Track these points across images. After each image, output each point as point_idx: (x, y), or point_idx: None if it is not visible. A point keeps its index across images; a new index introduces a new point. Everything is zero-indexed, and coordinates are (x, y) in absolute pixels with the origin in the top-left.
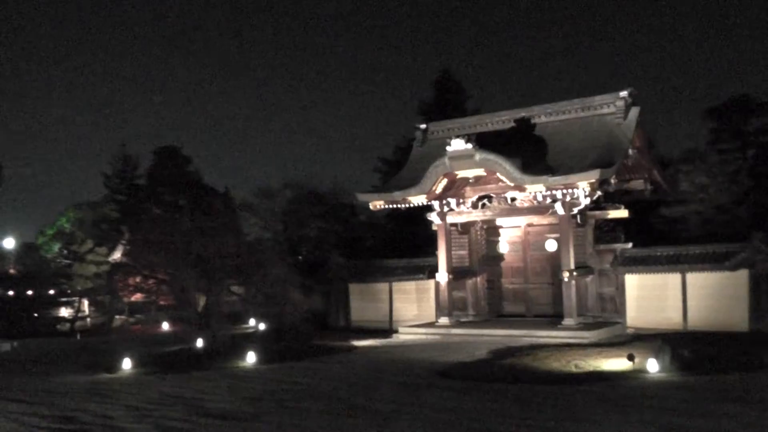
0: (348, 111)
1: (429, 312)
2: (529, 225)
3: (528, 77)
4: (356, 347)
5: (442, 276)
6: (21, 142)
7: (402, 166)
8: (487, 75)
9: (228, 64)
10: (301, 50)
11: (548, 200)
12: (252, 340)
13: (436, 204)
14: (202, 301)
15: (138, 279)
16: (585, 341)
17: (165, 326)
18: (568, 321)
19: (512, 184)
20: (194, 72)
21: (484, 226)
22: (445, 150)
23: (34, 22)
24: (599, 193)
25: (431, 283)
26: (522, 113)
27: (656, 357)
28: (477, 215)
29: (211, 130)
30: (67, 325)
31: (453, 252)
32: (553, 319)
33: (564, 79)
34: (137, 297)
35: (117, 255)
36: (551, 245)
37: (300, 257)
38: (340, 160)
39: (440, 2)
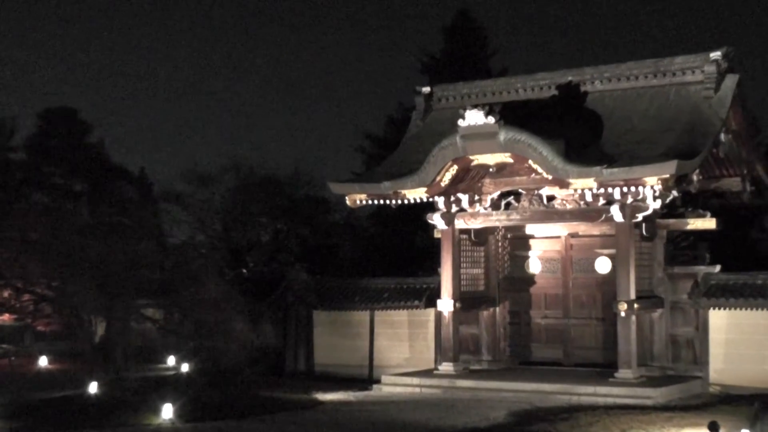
0: (322, 65)
1: (426, 354)
2: (573, 236)
3: (579, 30)
4: (321, 402)
5: (446, 304)
6: None
7: (395, 147)
8: (521, 22)
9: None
10: None
11: (601, 201)
12: (173, 386)
13: (441, 201)
14: (101, 328)
15: (6, 293)
16: (649, 402)
17: (44, 362)
18: (624, 373)
19: (550, 177)
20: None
21: (508, 236)
22: (457, 125)
23: None
24: (675, 193)
25: (430, 313)
26: (568, 77)
27: (751, 427)
28: (498, 219)
29: (122, 87)
30: None
31: (463, 270)
32: (603, 370)
33: (630, 37)
34: (4, 319)
35: None
36: (603, 265)
37: (246, 270)
38: (308, 135)
39: None
